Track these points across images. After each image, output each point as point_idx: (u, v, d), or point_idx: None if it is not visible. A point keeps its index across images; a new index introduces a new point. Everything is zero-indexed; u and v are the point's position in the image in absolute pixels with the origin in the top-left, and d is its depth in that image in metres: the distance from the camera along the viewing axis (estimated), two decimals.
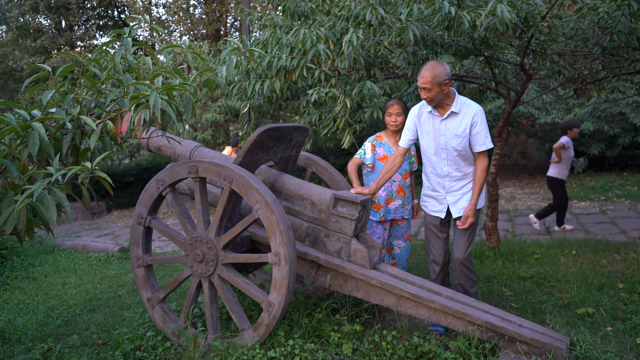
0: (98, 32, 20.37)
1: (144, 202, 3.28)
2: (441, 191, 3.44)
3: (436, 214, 3.48)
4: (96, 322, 3.96)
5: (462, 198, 3.39)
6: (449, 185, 3.40)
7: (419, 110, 3.42)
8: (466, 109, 3.28)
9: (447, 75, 3.16)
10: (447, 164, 3.36)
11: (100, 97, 2.68)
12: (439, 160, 3.38)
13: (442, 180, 3.41)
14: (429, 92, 3.18)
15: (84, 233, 9.44)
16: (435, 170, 3.42)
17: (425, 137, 3.41)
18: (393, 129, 3.91)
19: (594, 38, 4.13)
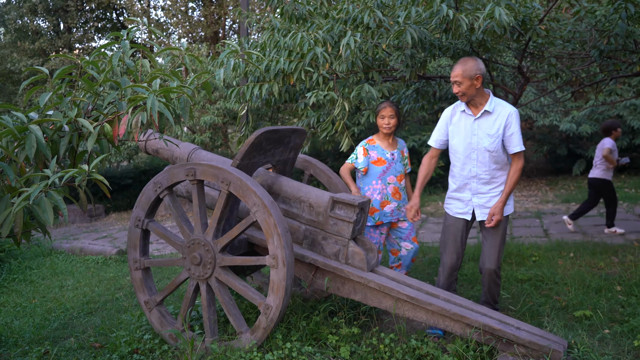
0: (96, 34, 20.37)
1: (142, 205, 3.28)
2: (467, 193, 3.39)
3: (461, 216, 3.43)
4: (93, 325, 3.95)
5: (489, 201, 3.34)
6: (476, 187, 3.35)
7: (452, 110, 3.41)
8: (500, 109, 3.25)
9: (478, 70, 3.15)
10: (476, 165, 3.31)
11: (97, 99, 2.67)
12: (469, 160, 3.33)
13: (469, 181, 3.36)
14: (460, 86, 3.18)
15: (82, 235, 9.42)
16: (464, 171, 3.36)
17: (456, 136, 3.37)
18: (386, 132, 3.87)
19: (592, 41, 4.15)
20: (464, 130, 3.32)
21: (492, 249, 3.35)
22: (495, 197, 3.33)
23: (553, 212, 8.12)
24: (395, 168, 3.93)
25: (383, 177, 3.90)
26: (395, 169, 3.92)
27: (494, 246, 3.35)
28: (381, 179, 3.89)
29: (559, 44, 4.32)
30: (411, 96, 5.08)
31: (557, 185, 10.57)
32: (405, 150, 4.05)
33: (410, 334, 3.24)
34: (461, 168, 3.37)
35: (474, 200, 3.37)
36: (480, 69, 3.16)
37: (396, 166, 3.94)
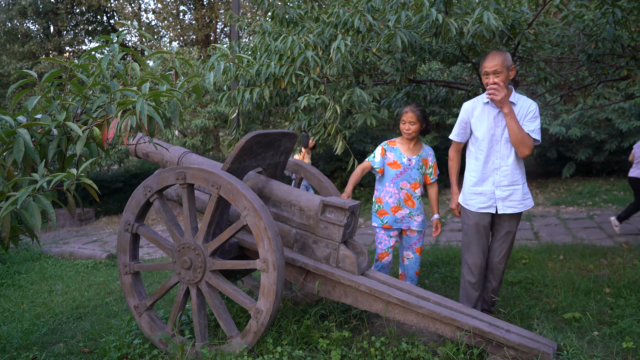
0: (87, 37, 20.28)
1: (131, 209, 3.26)
2: (490, 187, 3.36)
3: (485, 211, 3.38)
4: (83, 330, 3.92)
5: (512, 194, 3.34)
6: (499, 179, 3.33)
7: (472, 104, 3.41)
8: (523, 101, 3.31)
9: (512, 61, 3.24)
10: (499, 157, 3.32)
11: (87, 103, 2.66)
12: (492, 153, 3.33)
13: (492, 174, 3.35)
14: (499, 76, 3.18)
15: (72, 240, 9.35)
16: (487, 164, 3.35)
17: (479, 129, 3.36)
18: (406, 137, 3.81)
19: (580, 45, 4.19)
20: (487, 122, 3.32)
21: (503, 244, 3.42)
22: (517, 189, 3.34)
23: (543, 215, 8.17)
24: (410, 174, 3.81)
25: (396, 180, 3.81)
26: (410, 175, 3.80)
27: (505, 242, 3.42)
28: (394, 183, 3.81)
29: (547, 48, 4.36)
30: (402, 100, 5.10)
31: (547, 188, 10.64)
32: (430, 159, 3.90)
33: (401, 338, 3.24)
34: (484, 161, 3.36)
35: (497, 193, 3.35)
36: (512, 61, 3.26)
37: (411, 172, 3.81)
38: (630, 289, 4.07)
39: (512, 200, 3.35)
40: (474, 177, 3.42)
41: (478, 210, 3.40)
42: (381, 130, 10.98)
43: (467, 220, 3.46)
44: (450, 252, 5.54)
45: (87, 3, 18.24)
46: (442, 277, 4.72)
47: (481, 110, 3.37)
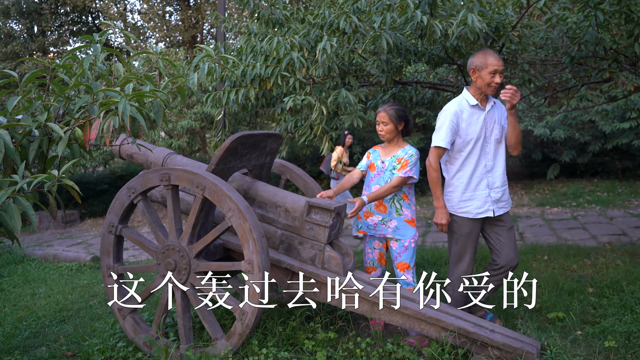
0: (72, 37, 20.08)
1: (115, 211, 3.23)
2: (484, 189, 3.29)
3: (482, 215, 3.29)
4: (66, 333, 3.88)
5: (503, 195, 3.34)
6: (492, 181, 3.30)
7: (458, 106, 3.25)
8: (497, 100, 3.36)
9: None
10: (490, 158, 3.29)
11: (69, 103, 2.63)
12: (482, 155, 3.27)
13: (484, 177, 3.29)
14: (501, 76, 3.17)
15: (56, 242, 9.24)
16: (479, 167, 3.28)
17: (470, 132, 3.24)
18: (382, 138, 3.60)
19: (563, 48, 4.23)
20: (478, 125, 3.25)
21: (509, 242, 3.36)
22: (505, 190, 3.36)
23: (528, 216, 8.24)
24: (382, 177, 3.51)
25: (370, 184, 3.58)
26: (382, 177, 3.51)
27: (511, 239, 3.37)
28: (368, 187, 3.58)
29: (531, 50, 4.40)
30: (388, 101, 5.11)
31: (532, 189, 10.74)
32: (404, 157, 3.47)
33: (387, 338, 3.24)
34: (475, 164, 3.27)
35: (492, 195, 3.30)
36: None
37: (384, 175, 3.51)
38: (613, 288, 4.11)
39: (503, 201, 3.35)
40: (464, 182, 3.29)
41: (476, 217, 3.29)
42: (368, 131, 11.00)
43: (460, 229, 3.33)
44: (437, 253, 5.56)
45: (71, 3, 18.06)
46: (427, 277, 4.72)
47: (470, 113, 3.25)
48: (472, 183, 3.29)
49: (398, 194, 3.50)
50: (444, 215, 3.33)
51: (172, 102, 11.19)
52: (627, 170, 10.69)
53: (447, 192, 3.40)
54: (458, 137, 3.27)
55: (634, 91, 4.44)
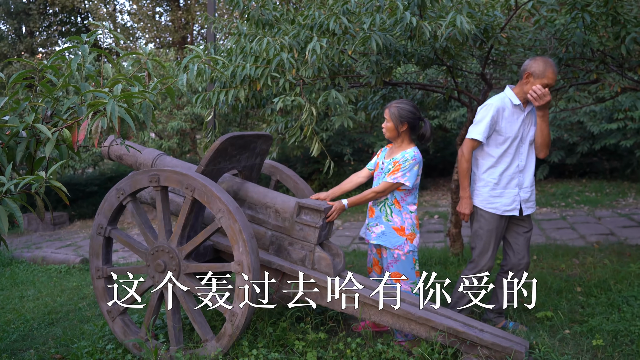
0: (60, 38, 19.93)
1: (104, 212, 3.22)
2: (514, 188, 3.32)
3: (510, 213, 3.32)
4: (54, 335, 3.85)
5: (531, 195, 3.39)
6: (522, 181, 3.34)
7: (501, 103, 3.28)
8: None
9: None
10: (524, 159, 3.33)
11: (57, 104, 2.62)
12: (517, 154, 3.31)
13: (516, 175, 3.32)
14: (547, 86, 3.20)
15: (45, 244, 9.16)
16: (512, 166, 3.30)
17: (508, 131, 3.27)
18: (385, 137, 3.48)
19: (551, 49, 4.26)
20: (517, 124, 3.28)
21: (526, 243, 3.43)
22: (533, 191, 3.40)
23: None
24: (379, 180, 3.39)
25: (373, 185, 3.46)
26: (379, 180, 3.39)
27: (527, 240, 3.43)
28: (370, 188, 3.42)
29: (520, 51, 4.43)
30: (378, 102, 5.12)
31: None
32: (400, 161, 3.24)
33: (377, 338, 3.25)
34: (509, 163, 3.30)
35: (521, 194, 3.33)
36: None
37: (380, 178, 3.38)
38: (601, 287, 4.15)
39: (530, 201, 3.39)
40: (495, 179, 3.32)
41: (504, 214, 3.32)
42: (359, 132, 11.03)
43: (487, 225, 3.35)
44: (427, 253, 5.58)
45: (60, 4, 17.93)
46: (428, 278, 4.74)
47: (511, 111, 3.28)
48: (503, 181, 3.31)
49: (389, 198, 3.30)
50: (468, 206, 3.38)
51: (162, 103, 11.14)
52: (615, 171, 10.79)
53: (478, 186, 3.40)
54: (496, 134, 3.30)
55: (621, 92, 4.49)
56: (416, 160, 3.24)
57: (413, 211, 3.33)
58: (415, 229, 3.32)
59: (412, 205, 3.34)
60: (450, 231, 5.32)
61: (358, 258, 5.76)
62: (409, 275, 3.30)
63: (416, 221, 3.34)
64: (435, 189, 11.50)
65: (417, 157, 3.25)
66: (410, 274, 3.30)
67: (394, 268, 3.30)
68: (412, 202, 3.33)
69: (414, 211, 3.34)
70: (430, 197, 10.70)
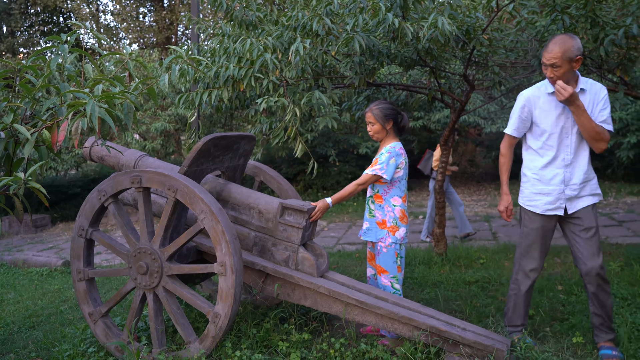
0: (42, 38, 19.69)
1: (85, 214, 3.19)
2: (558, 185, 3.00)
3: (552, 212, 3.02)
4: (35, 339, 3.80)
5: (581, 191, 3.00)
6: (569, 177, 2.98)
7: (534, 93, 3.03)
8: (590, 86, 2.95)
9: (579, 50, 2.81)
10: (570, 152, 2.97)
11: (36, 105, 2.59)
12: (561, 148, 2.98)
13: (561, 170, 2.99)
14: (557, 70, 2.83)
15: (26, 247, 9.04)
16: (555, 161, 3.00)
17: (545, 122, 3.00)
18: (373, 139, 3.55)
19: (532, 50, 4.32)
20: (555, 114, 2.97)
21: (590, 245, 2.97)
22: (587, 186, 3.00)
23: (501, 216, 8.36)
24: None
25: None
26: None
27: (591, 239, 2.97)
28: None
29: (502, 53, 4.48)
30: (363, 103, 5.14)
31: None
32: (379, 158, 3.28)
33: (360, 338, 3.26)
34: (553, 157, 3.00)
35: (567, 192, 2.99)
36: (580, 48, 2.82)
37: None
38: (581, 286, 4.21)
39: (581, 197, 3.01)
40: (537, 175, 3.07)
41: (545, 213, 3.04)
42: (344, 133, 11.05)
43: (530, 223, 3.10)
44: (411, 253, 5.61)
45: (42, 3, 17.72)
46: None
47: (547, 100, 3.00)
48: (545, 176, 3.04)
49: (372, 194, 3.35)
50: (503, 203, 3.21)
51: (146, 104, 11.06)
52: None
53: (521, 182, 3.21)
54: (535, 125, 3.06)
55: None
56: (391, 153, 3.26)
57: (397, 205, 3.31)
58: (399, 222, 3.29)
59: (397, 198, 3.32)
60: (434, 231, 5.35)
61: (343, 258, 5.77)
62: (390, 269, 3.29)
63: (401, 215, 3.31)
64: (420, 190, 11.57)
65: (392, 150, 3.27)
66: (391, 268, 3.30)
67: (378, 261, 3.33)
68: (396, 195, 3.32)
69: (399, 205, 3.31)
70: (415, 197, 10.75)
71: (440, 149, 5.23)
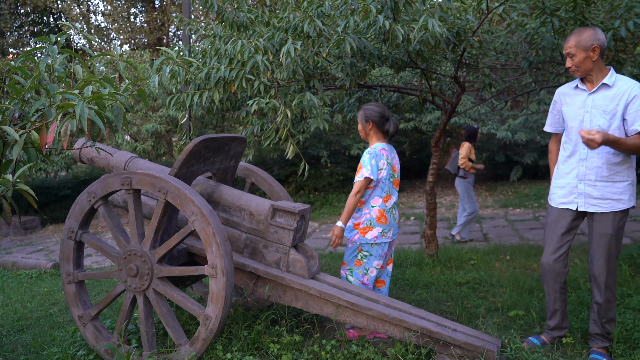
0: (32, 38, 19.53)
1: (75, 216, 3.17)
2: (573, 179, 3.00)
3: (565, 206, 3.03)
4: (24, 342, 3.76)
5: (601, 191, 2.91)
6: (583, 172, 2.95)
7: (565, 88, 3.10)
8: (622, 83, 2.89)
9: (596, 40, 2.84)
10: (585, 146, 2.90)
11: (25, 106, 2.57)
12: (579, 142, 2.95)
13: (577, 165, 2.98)
14: (573, 59, 2.89)
15: (15, 249, 8.96)
16: (574, 155, 3.00)
17: (568, 114, 3.04)
18: None
19: (522, 53, 4.35)
20: (576, 108, 2.99)
21: (598, 250, 2.94)
22: (607, 186, 2.90)
23: (492, 217, 8.41)
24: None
25: None
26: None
27: (600, 247, 2.93)
28: None
29: (492, 55, 4.50)
30: (354, 104, 5.15)
31: (496, 190, 10.96)
32: (362, 161, 3.37)
33: (351, 340, 3.26)
34: (572, 151, 3.01)
35: (580, 187, 2.96)
36: (599, 39, 2.84)
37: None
38: (571, 286, 4.24)
39: (597, 198, 2.93)
40: (559, 168, 3.12)
41: (559, 205, 3.07)
42: (335, 135, 11.05)
43: (548, 216, 3.15)
44: (402, 254, 5.62)
45: (32, 4, 17.58)
46: (393, 279, 4.78)
47: (572, 95, 3.04)
48: (564, 170, 3.06)
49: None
50: None
51: (137, 105, 11.01)
52: None
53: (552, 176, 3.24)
54: (564, 120, 3.10)
55: None
56: (371, 154, 3.31)
57: (376, 205, 3.35)
58: (374, 222, 3.35)
59: (377, 199, 3.36)
60: (426, 232, 5.37)
61: (334, 260, 5.77)
62: (347, 261, 3.44)
63: (378, 215, 3.35)
64: (411, 191, 11.60)
65: (371, 152, 3.33)
66: (348, 261, 3.44)
67: (346, 256, 3.47)
68: (377, 195, 3.37)
69: (378, 205, 3.35)
70: (406, 198, 10.78)
71: (432, 150, 5.25)
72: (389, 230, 3.39)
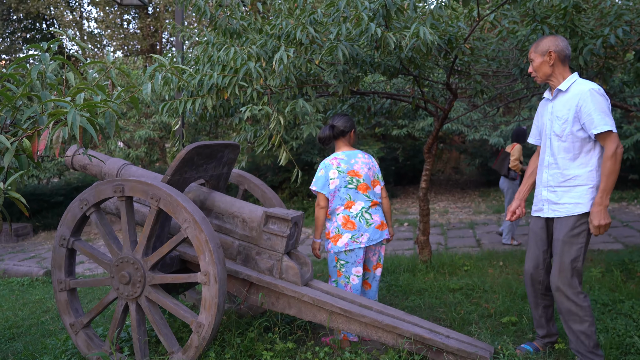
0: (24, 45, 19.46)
1: (67, 223, 3.15)
2: (539, 187, 3.05)
3: (536, 214, 3.08)
4: (15, 351, 3.73)
5: (559, 198, 2.90)
6: (546, 178, 2.99)
7: (542, 101, 3.12)
8: (575, 87, 2.85)
9: (553, 45, 2.86)
10: (548, 153, 2.97)
11: (16, 113, 2.56)
12: (544, 149, 3.02)
13: (542, 171, 3.02)
14: (532, 64, 2.95)
15: (7, 256, 8.90)
16: (542, 161, 3.04)
17: (539, 123, 3.13)
18: None
19: (513, 59, 4.39)
20: (545, 118, 3.02)
21: (554, 257, 2.92)
22: (567, 193, 2.88)
23: (485, 223, 8.44)
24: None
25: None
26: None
27: (555, 253, 2.91)
28: None
29: (483, 62, 4.54)
30: (347, 111, 5.17)
31: (489, 196, 11.00)
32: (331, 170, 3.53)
33: (345, 347, 3.26)
34: (542, 158, 3.05)
35: (544, 194, 3.00)
36: (557, 45, 2.86)
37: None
38: None
39: (556, 203, 2.93)
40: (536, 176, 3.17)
41: (533, 214, 3.12)
42: None
43: (530, 223, 3.20)
44: (396, 260, 5.63)
45: (25, 10, 17.55)
46: (386, 285, 4.78)
47: (543, 102, 3.10)
48: (537, 177, 3.10)
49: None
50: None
51: (130, 111, 10.99)
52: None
53: None
54: None
55: None
56: (320, 166, 3.54)
57: (339, 212, 3.45)
58: (341, 229, 3.42)
59: (339, 207, 3.46)
60: (419, 238, 5.37)
61: (327, 267, 5.77)
62: (331, 274, 3.51)
63: (343, 221, 3.43)
64: (405, 197, 11.62)
65: (322, 163, 3.55)
66: (331, 272, 3.51)
67: (331, 268, 3.54)
68: (337, 204, 3.47)
69: (341, 212, 3.45)
70: (400, 205, 10.80)
71: (425, 156, 5.27)
72: (360, 235, 3.42)
